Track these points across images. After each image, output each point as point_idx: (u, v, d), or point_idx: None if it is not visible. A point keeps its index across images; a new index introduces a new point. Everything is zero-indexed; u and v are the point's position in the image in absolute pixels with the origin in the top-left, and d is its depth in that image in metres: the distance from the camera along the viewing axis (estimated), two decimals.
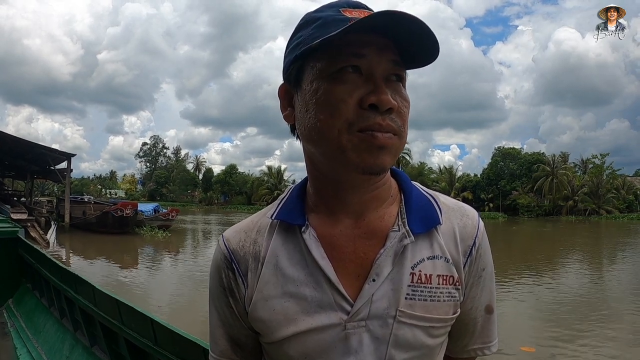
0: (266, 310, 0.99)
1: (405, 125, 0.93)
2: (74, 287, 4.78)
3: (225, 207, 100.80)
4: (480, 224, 1.07)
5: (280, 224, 1.05)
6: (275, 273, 1.00)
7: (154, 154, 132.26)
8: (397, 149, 0.92)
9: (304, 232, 1.00)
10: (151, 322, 3.09)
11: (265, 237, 1.05)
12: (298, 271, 0.99)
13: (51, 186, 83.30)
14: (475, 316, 1.07)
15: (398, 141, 0.91)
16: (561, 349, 9.33)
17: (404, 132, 0.93)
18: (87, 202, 39.34)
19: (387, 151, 0.90)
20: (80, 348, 4.78)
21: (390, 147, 0.90)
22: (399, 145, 0.92)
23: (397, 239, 0.97)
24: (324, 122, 0.90)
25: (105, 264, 21.00)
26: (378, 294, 0.95)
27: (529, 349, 9.13)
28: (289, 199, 1.09)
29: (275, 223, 1.06)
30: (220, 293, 1.09)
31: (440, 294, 0.98)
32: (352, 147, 0.89)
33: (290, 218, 1.03)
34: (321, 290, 0.96)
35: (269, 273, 1.01)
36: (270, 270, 1.01)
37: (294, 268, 0.99)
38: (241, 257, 1.06)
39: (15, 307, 7.07)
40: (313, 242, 0.99)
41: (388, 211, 1.02)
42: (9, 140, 30.92)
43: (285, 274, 0.99)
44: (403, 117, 0.92)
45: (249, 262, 1.04)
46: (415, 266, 0.97)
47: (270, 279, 1.00)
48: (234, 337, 1.10)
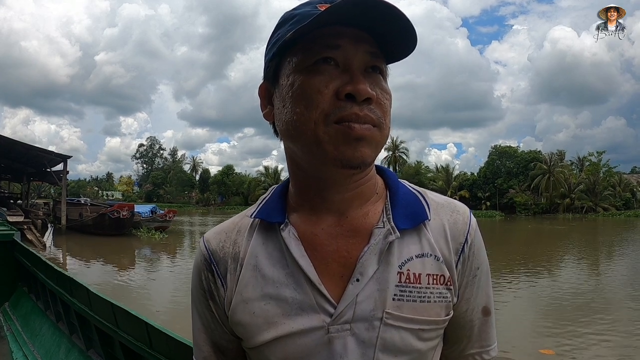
0: (246, 314, 0.96)
1: (386, 117, 0.90)
2: (69, 290, 4.77)
3: (223, 207, 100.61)
4: (472, 220, 1.02)
5: (261, 223, 1.02)
6: (255, 274, 0.97)
7: (150, 155, 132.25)
8: (378, 141, 0.89)
9: (283, 230, 0.96)
10: (146, 326, 3.09)
11: (245, 237, 1.02)
12: (278, 271, 0.95)
13: (48, 188, 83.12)
14: (472, 318, 1.02)
15: (378, 133, 0.88)
16: (579, 350, 9.23)
17: (384, 124, 0.89)
18: (84, 204, 39.28)
19: (366, 143, 0.86)
20: (76, 352, 4.77)
21: (369, 138, 0.86)
22: (379, 138, 0.89)
23: (382, 235, 0.93)
24: (300, 115, 0.88)
25: (102, 266, 20.96)
26: (363, 294, 0.91)
27: (548, 352, 8.97)
28: (270, 198, 1.06)
29: (256, 222, 1.03)
30: (200, 296, 1.06)
31: (431, 295, 0.93)
32: (328, 140, 0.86)
33: (270, 216, 1.00)
34: (302, 292, 0.92)
35: (248, 274, 0.97)
36: (250, 271, 0.97)
37: (274, 268, 0.96)
38: (220, 259, 1.03)
39: (12, 310, 7.04)
40: (292, 241, 0.95)
41: (373, 208, 0.98)
42: (5, 142, 31.03)
43: (265, 275, 0.96)
44: (383, 108, 0.89)
45: (228, 264, 1.01)
46: (403, 265, 0.93)
47: (250, 280, 0.97)
48: (216, 343, 1.07)
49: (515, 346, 9.19)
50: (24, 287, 7.15)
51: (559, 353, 9.02)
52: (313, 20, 0.81)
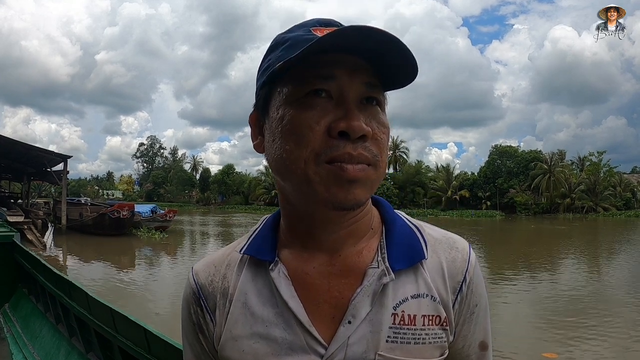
0: (235, 351, 0.93)
1: (383, 154, 0.85)
2: (68, 293, 4.78)
3: (223, 207, 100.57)
4: (472, 256, 0.97)
5: (250, 259, 0.98)
6: (244, 312, 0.93)
7: (151, 154, 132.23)
8: (373, 181, 0.84)
9: (272, 270, 0.93)
10: (144, 332, 3.10)
11: (235, 273, 0.99)
12: (267, 310, 0.92)
13: (48, 188, 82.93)
14: (469, 354, 0.98)
15: (373, 172, 0.83)
16: (581, 353, 9.24)
17: (380, 162, 0.84)
18: (84, 203, 39.31)
19: (360, 184, 0.81)
20: (75, 354, 4.78)
21: (363, 179, 0.81)
22: (374, 177, 0.84)
23: (376, 276, 0.89)
24: (290, 153, 0.83)
25: (102, 266, 20.96)
26: (355, 336, 0.87)
27: (551, 355, 8.95)
28: (260, 231, 1.02)
29: (245, 258, 0.99)
30: (190, 328, 1.03)
31: (426, 336, 0.89)
32: (319, 180, 0.81)
33: (260, 253, 0.96)
34: (292, 332, 0.89)
35: (238, 312, 0.94)
36: (239, 308, 0.94)
37: (264, 307, 0.92)
38: (209, 293, 1.00)
39: (12, 312, 7.05)
40: (282, 280, 0.92)
41: (367, 246, 0.94)
42: (5, 142, 31.04)
43: (254, 313, 0.92)
44: (380, 144, 0.84)
45: (217, 299, 0.98)
46: (397, 306, 0.89)
47: (239, 318, 0.94)
48: None
49: (517, 348, 9.20)
50: (24, 288, 7.17)
51: (562, 354, 9.05)
52: (304, 50, 0.77)
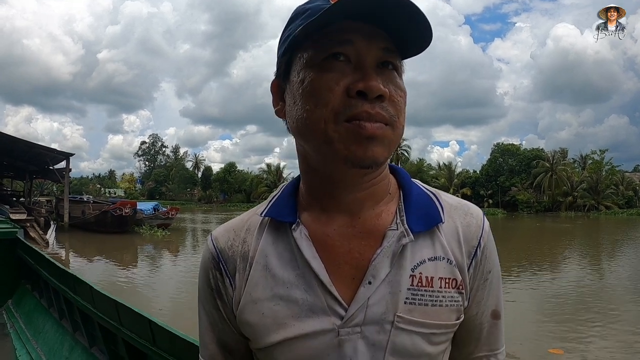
0: (254, 314, 0.94)
1: (400, 116, 0.87)
2: (72, 287, 4.78)
3: (225, 205, 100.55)
4: (486, 223, 1.00)
5: (271, 222, 0.99)
6: (265, 274, 0.94)
7: (152, 152, 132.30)
8: (391, 141, 0.86)
9: (295, 230, 0.94)
10: (149, 323, 3.10)
11: (255, 236, 0.99)
12: (288, 272, 0.93)
13: (50, 186, 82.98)
14: (481, 322, 1.00)
15: (391, 132, 0.85)
16: (587, 349, 9.20)
17: (397, 123, 0.86)
18: (86, 201, 39.30)
19: (378, 142, 0.84)
20: (79, 349, 4.79)
21: (380, 137, 0.84)
22: (392, 137, 0.86)
23: (395, 238, 0.91)
24: (310, 113, 0.85)
25: (104, 263, 21.02)
26: (374, 297, 0.88)
27: (557, 351, 8.89)
28: (280, 196, 1.03)
29: (266, 221, 1.00)
30: (208, 295, 1.03)
31: (443, 298, 0.91)
32: (338, 138, 0.83)
33: (281, 215, 0.97)
34: (313, 293, 0.90)
35: (258, 274, 0.95)
36: (259, 271, 0.95)
37: (284, 269, 0.93)
38: (229, 257, 1.00)
39: (15, 307, 7.08)
40: (304, 241, 0.93)
41: (386, 209, 0.96)
42: (7, 140, 31.00)
43: (275, 275, 0.93)
44: (397, 106, 0.86)
45: (237, 263, 0.99)
46: (415, 268, 0.90)
47: (259, 280, 0.94)
48: (223, 342, 1.05)
49: (522, 344, 9.18)
50: (27, 284, 7.18)
51: (568, 351, 9.02)
52: (322, 14, 0.79)
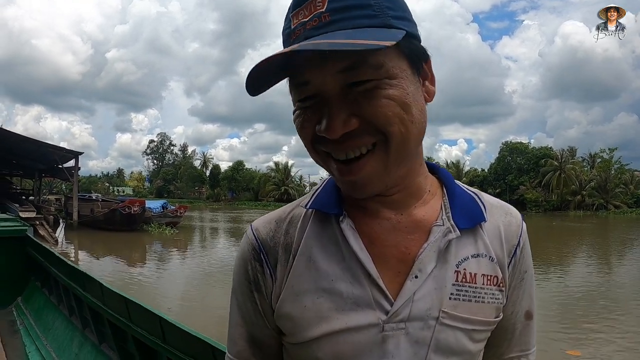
0: (296, 307, 0.92)
1: (393, 123, 0.81)
2: (82, 284, 4.81)
3: (233, 203, 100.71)
4: (524, 223, 1.02)
5: (316, 213, 0.99)
6: (308, 266, 0.93)
7: (161, 151, 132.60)
8: (386, 159, 0.84)
9: (342, 222, 0.93)
10: (159, 320, 3.11)
11: (299, 228, 0.98)
12: (333, 265, 0.92)
13: (59, 184, 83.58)
14: (515, 321, 1.02)
15: (381, 151, 0.83)
16: (605, 350, 9.14)
17: (392, 131, 0.81)
18: (95, 199, 39.50)
19: (365, 182, 0.85)
20: (89, 345, 4.81)
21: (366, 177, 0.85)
22: (385, 155, 0.83)
23: (442, 233, 0.91)
24: (303, 141, 0.90)
25: (113, 261, 21.12)
26: (420, 292, 0.88)
27: (574, 352, 8.85)
28: (324, 189, 1.02)
29: (310, 213, 1.00)
30: (244, 287, 1.02)
31: (485, 295, 0.92)
32: (331, 171, 0.89)
33: (327, 207, 0.96)
34: (359, 287, 0.89)
35: (301, 266, 0.94)
36: (303, 263, 0.94)
37: (329, 262, 0.92)
38: (271, 248, 0.99)
39: (24, 305, 7.13)
40: (351, 233, 0.92)
41: (430, 205, 0.96)
42: (16, 139, 31.30)
43: (319, 268, 0.92)
44: (382, 120, 0.80)
45: (279, 254, 0.98)
46: (459, 264, 0.91)
47: (303, 272, 0.93)
48: (254, 337, 1.03)
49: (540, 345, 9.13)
50: (37, 281, 7.23)
51: (586, 351, 8.97)
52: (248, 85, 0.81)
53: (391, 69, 0.81)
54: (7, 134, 30.82)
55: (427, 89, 0.90)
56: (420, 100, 0.86)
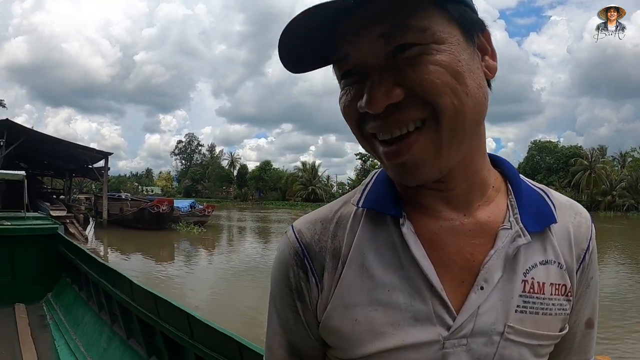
0: (346, 321, 0.82)
1: (444, 94, 0.71)
2: (112, 281, 4.91)
3: (260, 203, 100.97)
4: (593, 225, 0.92)
5: (367, 213, 0.87)
6: (361, 275, 0.82)
7: (189, 151, 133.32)
8: (437, 140, 0.73)
9: (403, 225, 0.81)
10: (187, 317, 3.17)
11: (348, 230, 0.87)
12: (390, 273, 0.81)
13: (89, 184, 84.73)
14: (575, 331, 0.91)
15: (430, 133, 0.73)
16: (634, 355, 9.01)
17: (443, 105, 0.71)
18: (124, 199, 40.01)
19: (414, 167, 0.75)
20: (117, 341, 4.91)
21: (416, 159, 0.74)
22: (433, 139, 0.73)
23: (510, 238, 0.80)
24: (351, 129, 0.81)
25: (141, 259, 21.39)
26: (486, 305, 0.78)
27: (604, 358, 8.53)
28: (375, 184, 0.90)
29: (361, 213, 0.88)
30: (284, 295, 0.91)
31: (552, 306, 0.83)
32: (378, 158, 0.79)
33: (383, 207, 0.85)
34: (419, 299, 0.79)
35: (353, 275, 0.83)
36: (355, 271, 0.83)
37: (385, 269, 0.81)
38: (316, 254, 0.88)
39: (55, 300, 7.32)
40: (412, 238, 0.80)
41: (495, 203, 0.86)
42: (47, 140, 32.07)
43: (374, 277, 0.81)
44: (431, 89, 0.71)
45: (326, 260, 0.86)
46: (527, 272, 0.81)
47: (354, 282, 0.82)
48: (294, 347, 0.93)
49: None
50: (67, 278, 7.41)
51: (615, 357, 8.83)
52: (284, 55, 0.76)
53: (438, 33, 0.72)
54: (39, 136, 31.52)
55: (488, 64, 0.81)
56: (477, 72, 0.76)
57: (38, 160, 41.76)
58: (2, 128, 28.39)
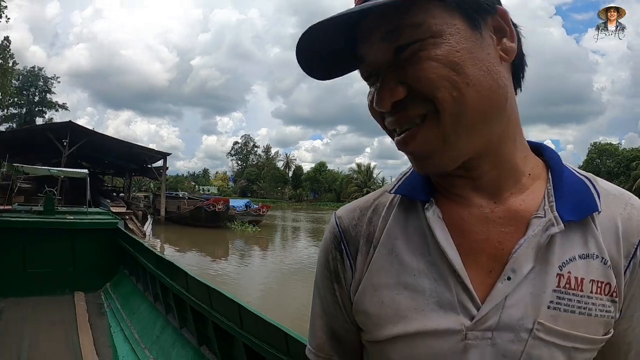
0: (373, 302, 0.83)
1: (441, 88, 0.72)
2: (168, 273, 5.10)
3: (315, 204, 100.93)
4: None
5: (401, 200, 0.89)
6: (390, 258, 0.84)
7: (245, 152, 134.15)
8: (440, 132, 0.74)
9: (427, 210, 0.82)
10: (238, 307, 3.27)
11: (382, 216, 0.89)
12: (417, 258, 0.81)
13: (148, 183, 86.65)
14: (630, 340, 0.82)
15: (433, 123, 0.74)
16: None
17: (443, 98, 0.72)
18: (182, 197, 40.57)
19: (424, 155, 0.77)
20: (170, 329, 5.09)
21: (423, 151, 0.77)
22: (437, 127, 0.74)
23: (542, 226, 0.76)
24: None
25: (196, 255, 21.74)
26: (513, 297, 0.75)
27: None
28: (411, 173, 0.91)
29: (396, 200, 0.90)
30: (325, 277, 0.95)
31: (592, 306, 0.76)
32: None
33: (413, 193, 0.87)
34: (443, 285, 0.78)
35: (382, 258, 0.85)
36: (384, 254, 0.85)
37: (413, 254, 0.82)
38: (352, 238, 0.91)
39: (112, 290, 7.65)
40: (438, 223, 0.81)
41: (530, 191, 0.82)
42: (108, 141, 33.20)
43: (402, 261, 0.82)
44: (428, 85, 0.72)
45: (360, 244, 0.89)
46: (563, 265, 0.76)
47: (383, 265, 0.84)
48: (334, 330, 0.96)
49: None
50: (125, 269, 7.75)
51: None
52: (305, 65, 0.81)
53: (434, 26, 0.72)
54: (100, 137, 32.67)
55: (504, 47, 0.78)
56: (485, 58, 0.74)
57: (99, 160, 43.17)
58: (65, 129, 29.44)
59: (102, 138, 32.78)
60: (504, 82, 0.76)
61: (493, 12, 0.77)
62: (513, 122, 0.82)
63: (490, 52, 0.76)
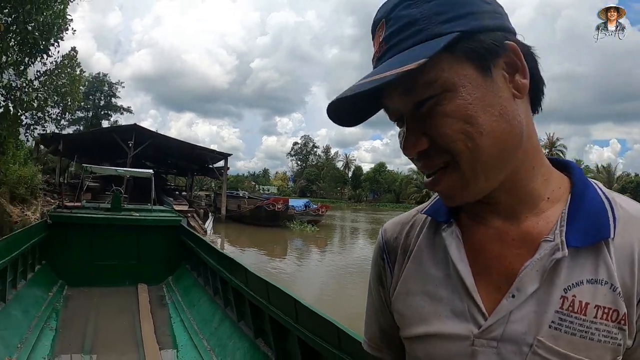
0: (405, 305, 0.95)
1: (456, 140, 0.78)
2: (228, 268, 5.31)
3: (374, 204, 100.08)
4: None
5: (431, 220, 0.99)
6: (419, 269, 0.95)
7: (304, 152, 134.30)
8: (462, 178, 0.81)
9: (444, 230, 0.92)
10: (294, 302, 3.40)
11: (416, 232, 1.01)
12: (439, 271, 0.91)
13: (209, 182, 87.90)
14: None
15: (453, 173, 0.81)
16: None
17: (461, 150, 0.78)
18: (242, 196, 40.86)
19: (448, 196, 0.86)
20: (228, 322, 5.30)
21: (447, 192, 0.85)
22: (456, 178, 0.82)
23: (549, 251, 0.79)
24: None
25: (255, 252, 21.99)
26: (517, 313, 0.79)
27: None
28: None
29: (427, 219, 1.01)
30: (374, 280, 1.09)
31: (596, 331, 0.76)
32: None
33: (436, 214, 0.97)
34: (457, 296, 0.86)
35: (413, 268, 0.96)
36: (415, 265, 0.96)
37: (436, 267, 0.92)
38: (392, 248, 1.04)
39: (174, 283, 7.98)
40: (454, 242, 0.90)
41: (546, 215, 0.85)
42: (172, 142, 33.93)
43: (427, 272, 0.93)
44: (444, 139, 0.79)
45: (398, 254, 1.02)
46: (569, 289, 0.78)
47: (413, 274, 0.96)
48: (382, 325, 1.08)
49: None
50: (187, 264, 8.07)
51: None
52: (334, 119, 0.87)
53: (448, 80, 0.77)
54: (164, 138, 33.43)
55: (516, 84, 0.81)
56: (497, 102, 0.79)
57: (163, 160, 44.13)
58: (130, 131, 30.27)
59: (166, 139, 33.50)
60: (518, 120, 0.81)
61: (503, 51, 0.80)
62: (531, 151, 0.85)
63: (503, 94, 0.80)
